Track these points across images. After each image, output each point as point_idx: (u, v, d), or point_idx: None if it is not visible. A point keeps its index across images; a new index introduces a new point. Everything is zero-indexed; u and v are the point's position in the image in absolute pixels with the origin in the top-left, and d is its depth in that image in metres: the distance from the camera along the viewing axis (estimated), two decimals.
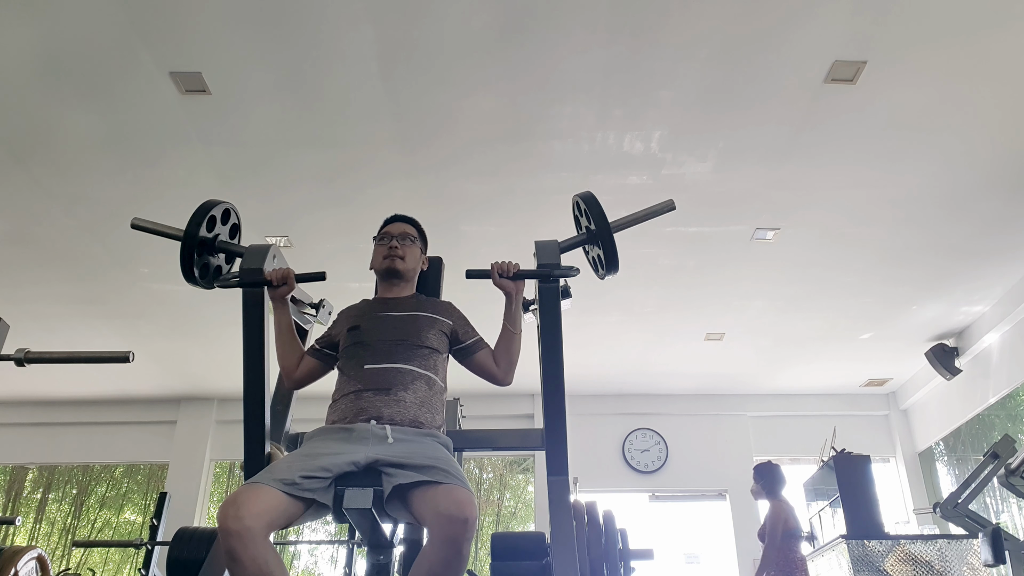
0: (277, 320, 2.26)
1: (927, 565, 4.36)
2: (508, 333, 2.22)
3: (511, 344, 2.22)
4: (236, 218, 2.38)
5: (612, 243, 2.18)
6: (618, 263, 2.19)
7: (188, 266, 2.21)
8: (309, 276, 2.21)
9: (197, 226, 2.19)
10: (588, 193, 2.27)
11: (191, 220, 2.19)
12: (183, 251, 2.19)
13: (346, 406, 2.06)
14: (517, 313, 2.21)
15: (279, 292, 2.21)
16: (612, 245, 2.18)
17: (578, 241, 2.32)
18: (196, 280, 2.24)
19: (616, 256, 2.18)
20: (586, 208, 2.25)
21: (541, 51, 3.53)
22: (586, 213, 2.26)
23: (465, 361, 2.30)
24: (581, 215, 2.33)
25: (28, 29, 3.36)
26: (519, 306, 2.21)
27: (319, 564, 9.06)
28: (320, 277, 2.22)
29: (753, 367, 7.08)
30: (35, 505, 8.75)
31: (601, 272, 2.30)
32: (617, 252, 2.18)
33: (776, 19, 3.35)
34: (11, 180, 4.32)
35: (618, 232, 2.21)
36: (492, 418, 7.09)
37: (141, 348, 6.44)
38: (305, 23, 3.36)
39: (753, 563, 6.96)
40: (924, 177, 4.38)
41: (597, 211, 2.21)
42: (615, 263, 2.19)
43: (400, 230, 2.38)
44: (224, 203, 2.30)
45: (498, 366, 2.25)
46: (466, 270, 2.22)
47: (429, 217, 4.58)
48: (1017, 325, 5.71)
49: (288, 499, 1.76)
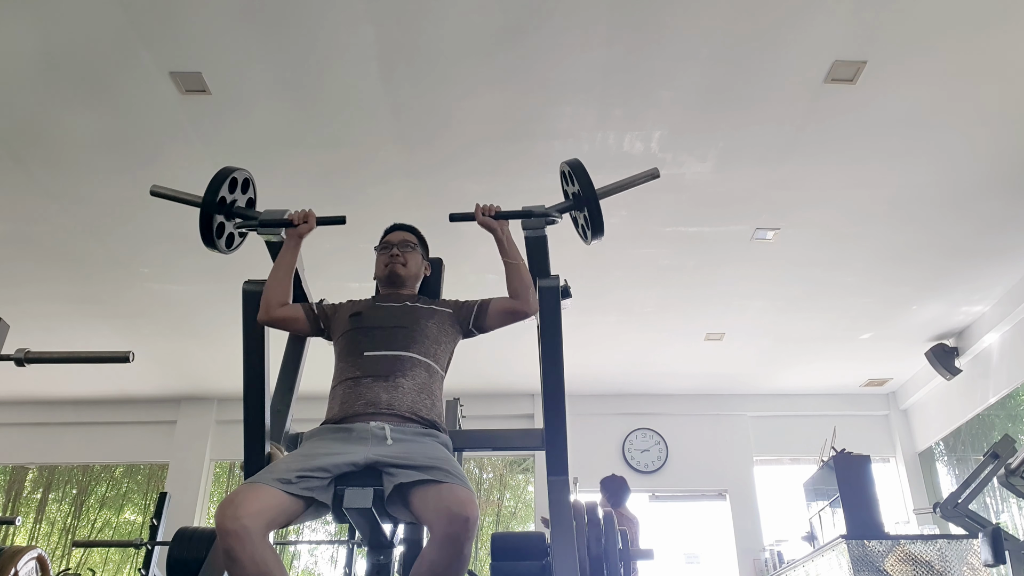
0: (283, 254, 2.24)
1: (927, 565, 4.36)
2: (509, 266, 2.23)
3: (516, 274, 2.22)
4: (253, 190, 2.41)
5: (598, 208, 2.23)
6: (603, 227, 2.25)
7: (208, 230, 2.22)
8: (331, 219, 2.27)
9: (215, 192, 2.20)
10: (575, 160, 2.31)
11: (209, 186, 2.21)
12: (202, 215, 2.19)
13: (345, 393, 2.07)
14: (510, 247, 2.24)
15: (299, 230, 2.23)
16: (597, 210, 2.23)
17: (565, 206, 2.36)
18: (214, 244, 2.26)
19: (601, 220, 2.23)
20: (572, 174, 2.29)
21: (541, 51, 3.53)
22: (572, 179, 2.31)
23: (488, 322, 2.26)
24: (568, 182, 2.38)
25: (28, 29, 3.36)
26: (510, 241, 2.25)
27: (319, 564, 9.07)
28: (341, 220, 2.27)
29: (753, 367, 7.08)
30: (35, 505, 8.75)
31: (588, 237, 2.34)
32: (602, 217, 2.23)
33: (776, 19, 3.35)
34: (11, 180, 4.32)
35: (604, 198, 2.26)
36: (492, 418, 7.09)
37: (141, 348, 6.43)
38: (305, 23, 3.36)
39: (753, 563, 6.96)
40: (924, 177, 4.38)
41: (583, 177, 2.25)
42: (600, 227, 2.24)
43: (400, 238, 2.40)
44: (241, 170, 2.32)
45: (517, 299, 2.22)
46: (450, 213, 2.30)
47: (429, 217, 4.59)
48: (1017, 325, 5.71)
49: (287, 498, 1.76)
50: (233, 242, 2.36)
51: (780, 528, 7.16)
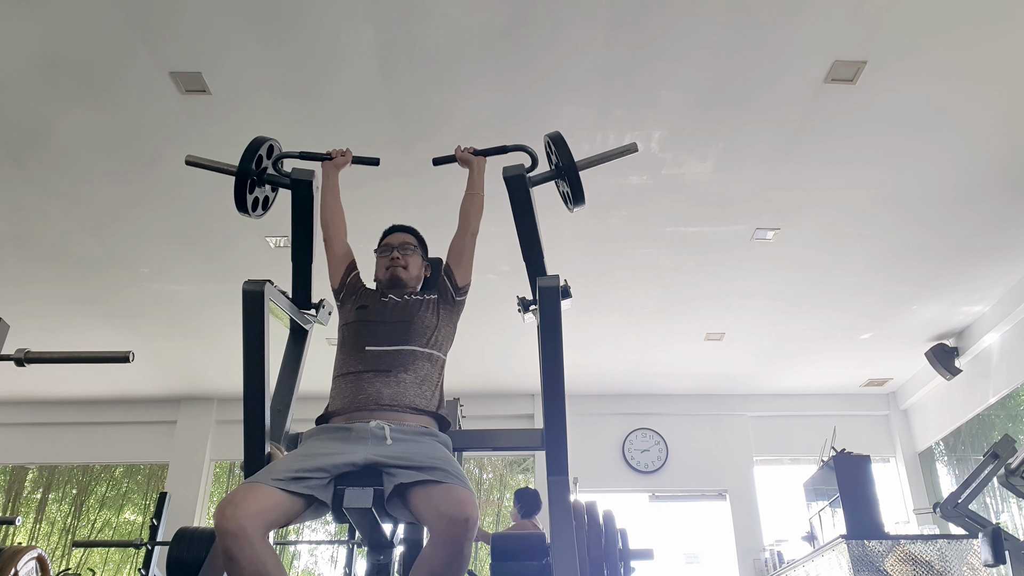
0: (324, 186, 2.45)
1: (927, 565, 4.36)
2: (466, 196, 2.43)
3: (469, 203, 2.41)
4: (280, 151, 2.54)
5: (578, 178, 2.37)
6: (584, 196, 2.40)
7: (242, 198, 2.37)
8: (366, 159, 2.51)
9: (249, 161, 2.34)
10: (556, 132, 2.47)
11: (244, 154, 2.34)
12: (237, 184, 2.34)
13: (347, 387, 2.09)
14: (478, 180, 2.45)
15: (337, 162, 2.47)
16: (578, 179, 2.38)
17: (547, 176, 2.50)
18: (248, 211, 2.42)
19: (582, 189, 2.39)
20: (553, 146, 2.43)
21: (541, 50, 3.53)
22: (555, 151, 2.44)
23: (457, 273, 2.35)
24: (551, 153, 2.51)
25: (28, 29, 3.36)
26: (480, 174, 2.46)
27: (319, 564, 9.06)
28: (375, 162, 2.52)
29: (753, 367, 7.08)
30: (35, 505, 8.75)
31: (570, 205, 2.50)
32: (583, 187, 2.38)
33: (776, 19, 3.35)
34: (11, 180, 4.32)
35: (584, 169, 2.40)
36: (492, 418, 7.10)
37: (141, 348, 6.43)
38: (305, 23, 3.36)
39: (753, 563, 6.96)
40: (924, 177, 4.38)
41: (564, 149, 2.39)
42: (581, 196, 2.40)
43: (400, 240, 2.41)
44: (271, 140, 2.45)
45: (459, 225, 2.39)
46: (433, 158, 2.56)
47: (428, 216, 4.60)
48: (1017, 325, 5.71)
49: (287, 497, 1.76)
50: (258, 207, 2.51)
51: (780, 528, 7.16)
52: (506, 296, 5.32)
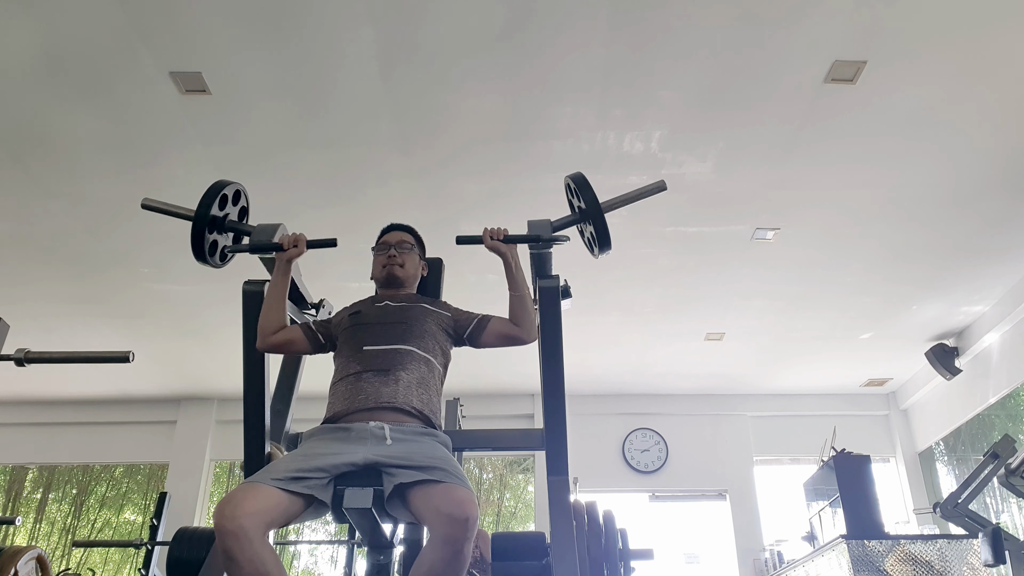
0: (276, 282, 2.23)
1: (927, 565, 4.36)
2: (514, 298, 2.22)
3: (520, 306, 2.21)
4: (245, 200, 2.41)
5: (603, 221, 2.20)
6: (610, 241, 2.22)
7: (199, 246, 2.21)
8: (321, 242, 2.22)
9: (208, 206, 2.19)
10: (579, 174, 2.29)
11: (202, 200, 2.20)
12: (194, 230, 2.19)
13: (346, 389, 2.09)
14: (518, 275, 2.22)
15: (288, 255, 2.20)
16: (603, 223, 2.21)
17: (571, 220, 2.34)
18: (206, 259, 2.24)
19: (608, 234, 2.21)
20: (577, 189, 2.27)
21: (541, 51, 3.53)
22: (577, 194, 2.28)
23: (482, 339, 2.25)
24: (573, 196, 2.35)
25: (28, 29, 3.36)
26: (518, 268, 2.23)
27: (319, 564, 9.05)
28: (331, 243, 2.22)
29: (753, 367, 7.08)
30: (35, 505, 8.74)
31: (595, 251, 2.32)
32: (608, 230, 2.21)
33: (776, 19, 3.35)
34: (11, 180, 4.32)
35: (609, 211, 2.24)
36: (492, 418, 7.09)
37: (141, 348, 6.43)
38: (305, 23, 3.36)
39: (753, 563, 6.96)
40: (924, 176, 4.37)
41: (588, 191, 2.22)
42: (607, 241, 2.22)
43: (397, 239, 2.41)
44: (234, 184, 2.31)
45: (519, 327, 2.21)
46: (457, 236, 2.26)
47: (428, 217, 4.61)
48: (1017, 325, 5.71)
49: (286, 497, 1.76)
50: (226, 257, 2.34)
51: (780, 528, 7.16)
52: (506, 296, 5.32)
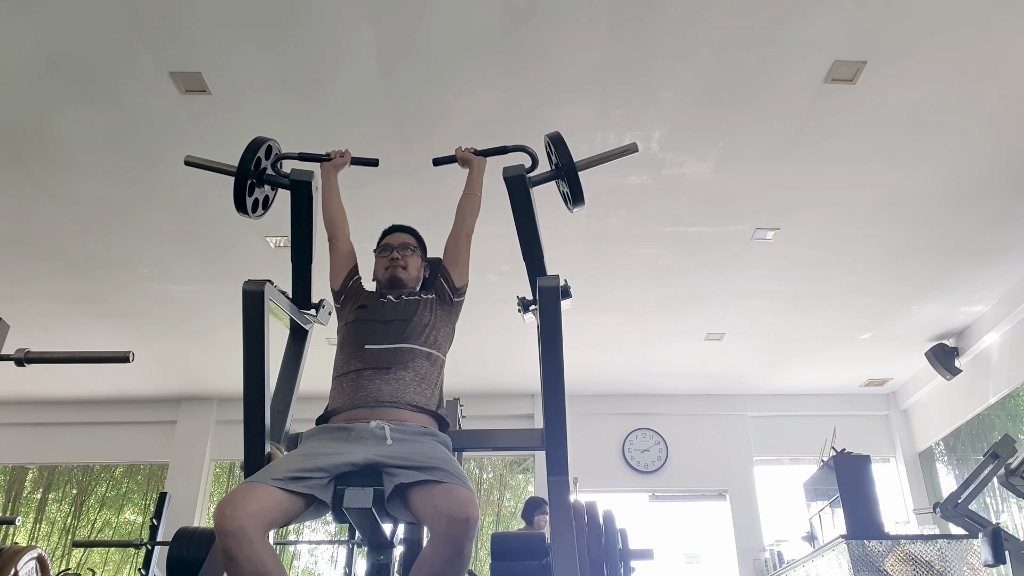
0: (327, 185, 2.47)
1: (927, 565, 4.36)
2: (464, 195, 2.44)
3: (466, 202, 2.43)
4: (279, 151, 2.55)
5: (577, 178, 2.37)
6: (583, 197, 2.41)
7: (241, 198, 2.37)
8: (364, 160, 2.53)
9: (249, 161, 2.33)
10: (556, 133, 2.46)
11: (244, 155, 2.33)
12: (236, 184, 2.33)
13: (347, 385, 2.09)
14: (476, 180, 2.47)
15: (336, 163, 2.49)
16: (577, 180, 2.37)
17: (547, 176, 2.50)
18: (247, 211, 2.42)
19: (581, 190, 2.39)
20: (554, 147, 2.43)
21: (541, 50, 3.53)
22: (555, 151, 2.43)
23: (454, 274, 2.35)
24: (551, 154, 2.51)
25: (28, 29, 3.36)
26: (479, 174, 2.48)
27: (319, 564, 9.05)
28: (374, 163, 2.56)
29: (753, 367, 7.08)
30: (35, 505, 8.74)
31: (570, 205, 2.50)
32: (581, 186, 2.38)
33: (776, 19, 3.35)
34: (11, 180, 4.32)
35: (583, 170, 2.40)
36: (492, 418, 7.10)
37: (141, 348, 6.44)
38: (305, 23, 3.36)
39: (753, 563, 6.96)
40: (924, 176, 4.38)
41: (563, 149, 2.38)
42: (581, 196, 2.40)
43: (400, 240, 2.41)
44: (270, 140, 2.45)
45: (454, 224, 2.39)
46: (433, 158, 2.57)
47: (428, 216, 4.60)
48: (1017, 325, 5.71)
49: (286, 496, 1.76)
50: (258, 207, 2.51)
51: (780, 528, 7.16)
52: (506, 296, 5.32)
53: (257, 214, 2.53)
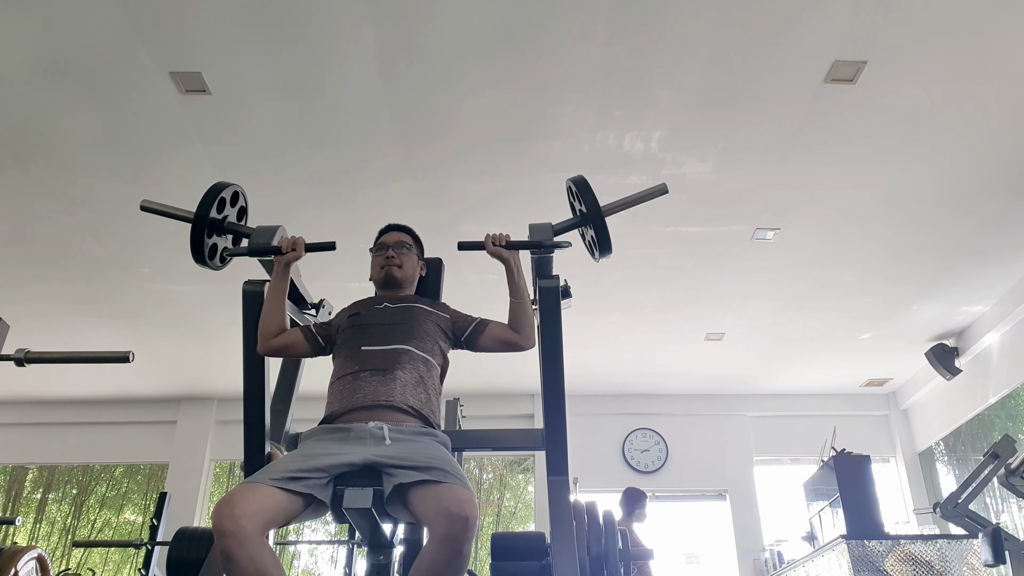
0: (275, 285, 2.22)
1: (927, 565, 4.36)
2: (514, 304, 2.21)
3: (520, 312, 2.21)
4: (244, 201, 2.41)
5: (604, 225, 2.21)
6: (611, 245, 2.22)
7: (199, 247, 2.21)
8: (319, 245, 2.20)
9: (207, 207, 2.19)
10: (580, 177, 2.29)
11: (202, 202, 2.20)
12: (193, 232, 2.19)
13: (344, 388, 2.09)
14: (519, 281, 2.22)
15: (287, 258, 2.19)
16: (604, 227, 2.21)
17: (572, 224, 2.33)
18: (205, 261, 2.24)
19: (608, 238, 2.21)
20: (578, 192, 2.27)
21: (541, 51, 3.53)
22: (579, 197, 2.28)
23: (480, 343, 2.25)
24: (574, 199, 2.36)
25: (28, 29, 3.36)
26: (520, 274, 2.22)
27: (319, 564, 9.06)
28: (330, 247, 2.20)
29: (753, 367, 7.08)
30: (35, 505, 8.74)
31: (596, 254, 2.32)
32: (609, 234, 2.21)
33: (776, 19, 3.35)
34: (11, 180, 4.32)
35: (610, 215, 2.24)
36: (492, 418, 7.09)
37: (141, 348, 6.43)
38: (305, 23, 3.36)
39: (753, 563, 6.96)
40: (924, 177, 4.37)
41: (589, 194, 2.23)
42: (608, 245, 2.22)
43: (395, 239, 2.40)
44: (233, 185, 2.31)
45: (518, 333, 2.20)
46: (459, 242, 2.25)
47: (429, 217, 4.61)
48: (1017, 325, 5.71)
49: (285, 497, 1.76)
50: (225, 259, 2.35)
51: (780, 528, 7.16)
52: (506, 296, 5.32)
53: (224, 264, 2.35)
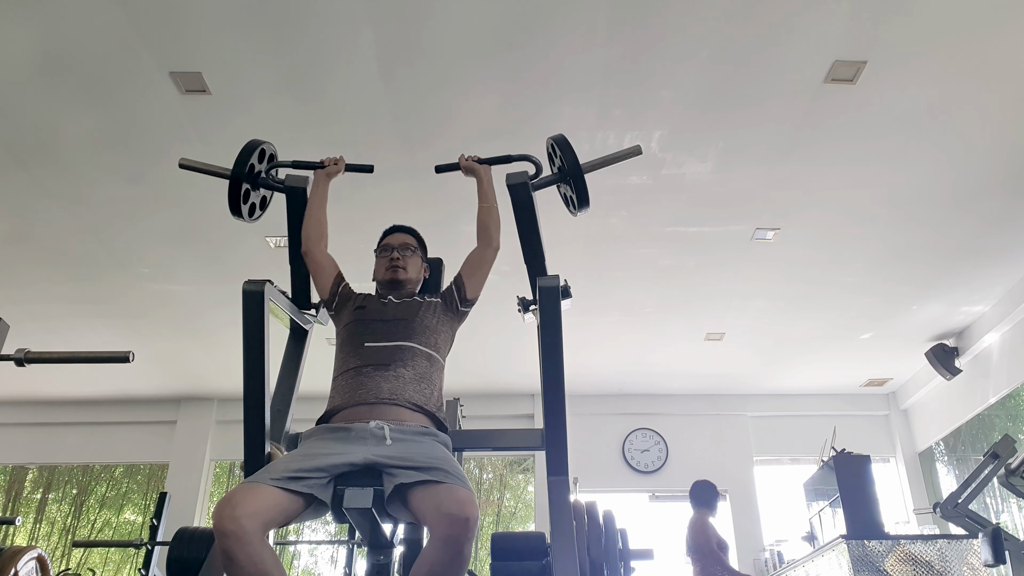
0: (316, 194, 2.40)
1: (927, 565, 4.36)
2: (482, 208, 2.37)
3: (487, 216, 2.36)
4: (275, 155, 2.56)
5: (583, 181, 2.34)
6: (589, 200, 2.37)
7: (236, 202, 2.38)
8: (359, 167, 2.46)
9: (244, 164, 2.34)
10: (560, 135, 2.42)
11: (238, 158, 2.35)
12: (231, 188, 2.35)
13: (347, 383, 2.10)
14: (488, 189, 2.40)
15: (329, 171, 2.44)
16: (583, 183, 2.33)
17: (551, 179, 2.45)
18: (242, 215, 2.43)
19: (587, 193, 2.35)
20: (559, 150, 2.38)
21: (541, 51, 3.53)
22: (559, 155, 2.40)
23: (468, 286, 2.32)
24: (555, 156, 2.46)
25: (28, 29, 3.36)
26: (489, 184, 2.41)
27: (319, 564, 9.06)
28: (368, 169, 2.47)
29: (753, 367, 7.08)
30: (35, 505, 8.75)
31: (573, 209, 2.46)
32: (587, 190, 2.35)
33: (776, 19, 3.35)
34: (11, 180, 4.32)
35: (589, 172, 2.36)
36: (492, 418, 7.09)
37: (141, 348, 6.43)
38: (305, 23, 3.36)
39: (753, 563, 6.96)
40: (924, 177, 4.38)
41: (569, 152, 2.35)
42: (586, 200, 2.36)
43: (400, 241, 2.41)
44: (264, 143, 2.46)
45: (484, 241, 2.34)
46: (436, 165, 2.49)
47: (429, 217, 4.61)
48: (1017, 325, 5.71)
49: (286, 496, 1.76)
50: (255, 212, 2.52)
51: (780, 528, 7.16)
52: (506, 296, 5.32)
53: (253, 217, 2.52)
